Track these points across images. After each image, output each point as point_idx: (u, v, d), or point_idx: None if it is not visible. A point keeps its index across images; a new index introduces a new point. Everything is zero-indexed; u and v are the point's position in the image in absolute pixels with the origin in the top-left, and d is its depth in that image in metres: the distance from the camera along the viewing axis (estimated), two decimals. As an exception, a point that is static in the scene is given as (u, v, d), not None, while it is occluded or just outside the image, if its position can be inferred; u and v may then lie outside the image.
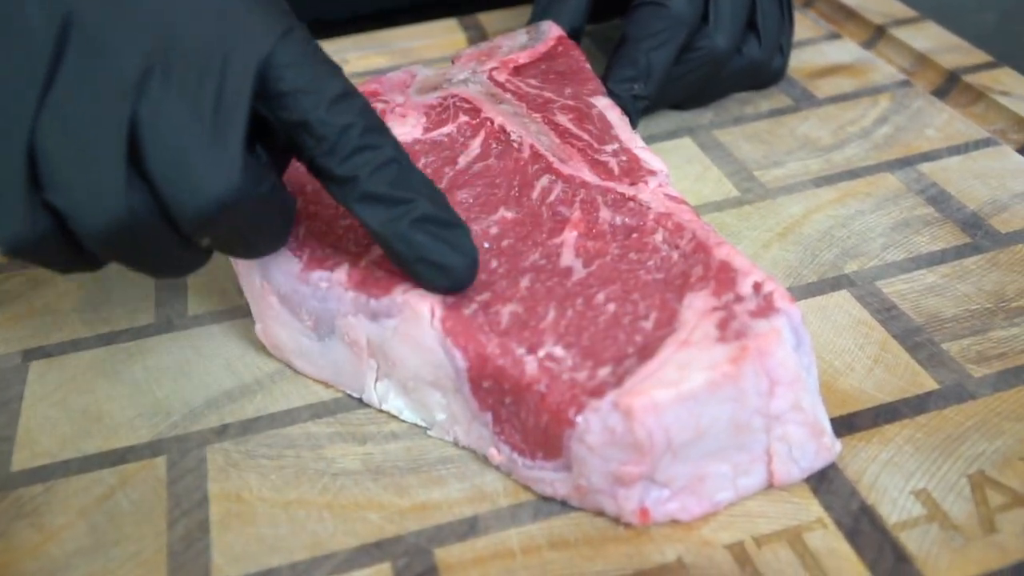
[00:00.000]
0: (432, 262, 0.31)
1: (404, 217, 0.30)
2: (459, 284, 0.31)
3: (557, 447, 0.29)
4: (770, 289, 0.30)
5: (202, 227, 0.29)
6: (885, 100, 0.50)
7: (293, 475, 0.33)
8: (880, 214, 0.42)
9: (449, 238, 0.31)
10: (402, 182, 0.30)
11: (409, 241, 0.30)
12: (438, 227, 0.31)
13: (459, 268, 0.31)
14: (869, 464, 0.31)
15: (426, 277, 0.31)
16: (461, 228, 0.31)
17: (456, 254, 0.31)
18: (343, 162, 0.30)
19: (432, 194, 0.31)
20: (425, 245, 0.30)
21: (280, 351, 0.37)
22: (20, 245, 0.28)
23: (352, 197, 0.30)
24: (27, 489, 0.33)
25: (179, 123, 0.27)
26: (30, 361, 0.38)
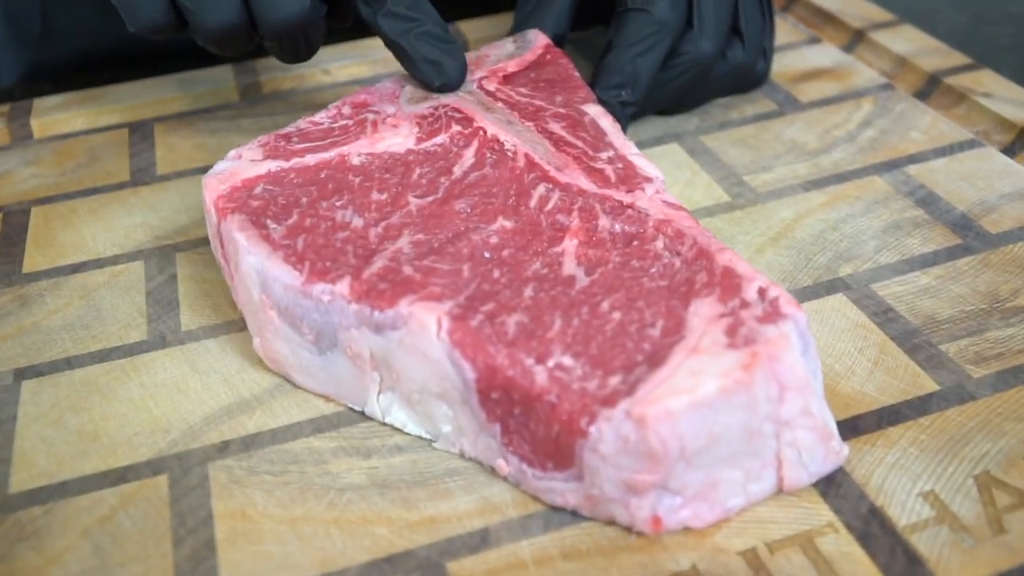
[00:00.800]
0: (432, 61, 0.42)
1: (415, 29, 0.42)
2: (451, 80, 0.42)
3: (568, 457, 0.29)
4: (775, 294, 0.31)
5: (275, 34, 0.41)
6: (868, 103, 0.50)
7: (298, 491, 0.32)
8: (871, 217, 0.42)
9: (446, 48, 0.42)
10: (416, 6, 0.42)
11: (417, 47, 0.42)
12: (438, 41, 0.42)
13: (451, 67, 0.42)
14: (876, 467, 0.31)
15: (427, 73, 0.42)
16: (455, 44, 0.42)
17: (449, 58, 0.42)
18: None
19: (437, 20, 0.42)
20: (428, 50, 0.42)
21: (279, 365, 0.36)
22: (147, 30, 0.41)
23: (380, 13, 0.41)
24: (26, 511, 0.33)
25: None
26: (21, 381, 0.38)
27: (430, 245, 0.35)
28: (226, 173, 0.38)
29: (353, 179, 0.38)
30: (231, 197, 0.37)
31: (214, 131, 0.53)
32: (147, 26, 0.40)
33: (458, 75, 0.42)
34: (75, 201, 0.48)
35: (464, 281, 0.33)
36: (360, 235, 0.35)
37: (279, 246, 0.35)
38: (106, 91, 0.56)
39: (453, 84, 0.42)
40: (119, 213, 0.47)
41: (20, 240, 0.45)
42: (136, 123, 0.54)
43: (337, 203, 0.37)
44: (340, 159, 0.39)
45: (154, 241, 0.45)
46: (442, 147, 0.40)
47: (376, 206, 0.37)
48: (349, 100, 0.43)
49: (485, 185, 0.38)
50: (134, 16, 0.40)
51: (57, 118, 0.54)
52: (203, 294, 0.41)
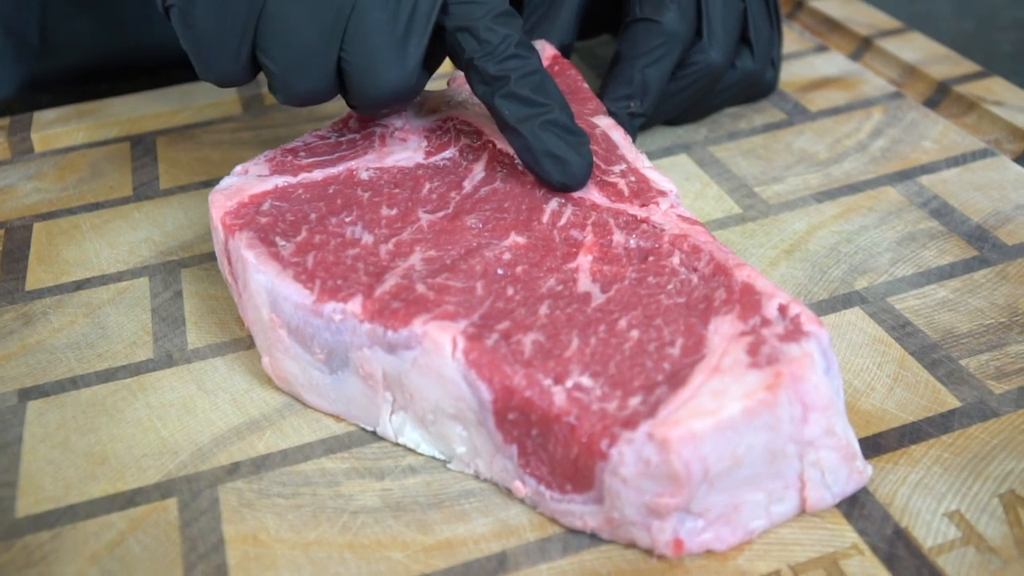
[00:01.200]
0: (556, 156, 0.36)
1: (539, 117, 0.36)
2: (575, 180, 0.37)
3: (588, 479, 0.29)
4: (797, 311, 0.30)
5: (369, 108, 0.38)
6: (878, 112, 0.50)
7: (311, 514, 0.32)
8: (885, 228, 0.42)
9: (572, 142, 0.36)
10: (542, 90, 0.37)
11: (540, 137, 0.36)
12: (564, 131, 0.36)
13: (577, 165, 0.36)
14: (899, 486, 0.31)
15: (548, 170, 0.36)
16: (584, 137, 0.37)
17: (576, 155, 0.36)
18: (498, 63, 0.36)
19: (564, 106, 0.37)
20: (552, 142, 0.36)
21: (289, 385, 0.36)
22: (223, 83, 0.38)
23: (499, 93, 0.36)
24: (34, 536, 0.32)
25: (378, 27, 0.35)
26: (27, 401, 0.37)
27: (442, 262, 0.34)
28: (232, 189, 0.38)
29: (362, 194, 0.38)
30: (238, 214, 0.37)
31: (216, 144, 0.52)
32: (222, 81, 0.38)
33: (584, 175, 0.37)
34: (78, 216, 0.47)
35: (478, 299, 0.32)
36: (371, 252, 0.35)
37: (289, 264, 0.34)
38: (106, 104, 0.56)
39: (576, 185, 0.37)
40: (123, 228, 0.46)
41: (23, 256, 0.45)
42: (137, 136, 0.53)
43: (346, 219, 0.36)
44: (348, 174, 0.39)
45: (159, 257, 0.44)
46: (452, 161, 0.39)
47: (386, 222, 0.36)
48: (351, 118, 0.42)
49: (496, 200, 0.37)
50: (210, 70, 0.37)
51: (58, 132, 0.54)
52: (209, 311, 0.41)
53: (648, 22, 0.45)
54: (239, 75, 0.37)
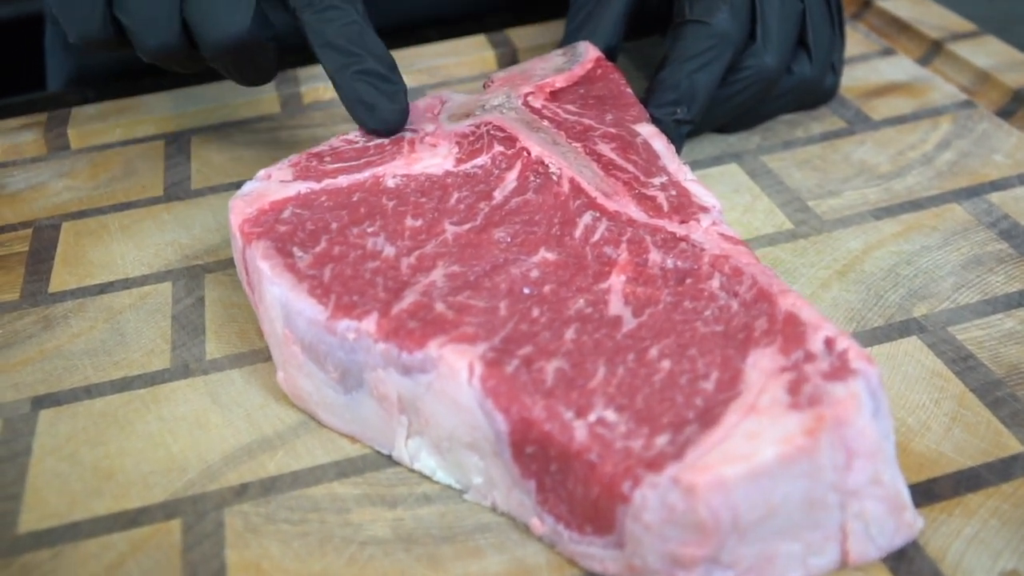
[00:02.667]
0: (366, 103, 0.39)
1: (352, 66, 0.38)
2: (386, 125, 0.39)
3: (609, 522, 0.27)
4: (844, 346, 0.28)
5: (217, 55, 0.39)
6: (946, 122, 0.47)
7: (317, 543, 0.30)
8: (949, 250, 0.39)
9: (385, 89, 0.39)
10: (359, 40, 0.39)
11: (352, 86, 0.39)
12: (377, 79, 0.39)
13: (387, 111, 0.39)
14: (953, 540, 0.28)
15: (361, 116, 0.39)
16: (399, 85, 0.39)
17: (387, 100, 0.39)
18: (316, 13, 0.39)
19: (381, 55, 0.39)
20: (363, 90, 0.39)
21: (303, 402, 0.34)
22: (88, 42, 0.40)
23: (318, 43, 0.39)
24: (34, 555, 0.31)
25: None
26: (39, 410, 0.36)
27: (465, 278, 0.32)
28: (253, 195, 0.36)
29: (387, 203, 0.36)
30: (257, 221, 0.35)
31: (251, 144, 0.51)
32: (84, 39, 0.40)
33: (394, 119, 0.39)
34: (107, 216, 0.46)
35: (500, 320, 0.30)
36: (391, 266, 0.33)
37: (304, 277, 0.32)
38: (144, 100, 0.55)
39: (388, 130, 0.39)
40: (150, 230, 0.45)
41: (48, 257, 0.44)
42: (173, 134, 0.52)
43: (368, 229, 0.35)
44: (374, 181, 0.37)
45: (183, 261, 0.43)
46: (483, 169, 0.37)
47: (410, 233, 0.34)
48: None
49: (527, 212, 0.35)
50: (71, 28, 0.40)
51: (94, 128, 0.53)
52: (230, 319, 0.39)
53: (698, 24, 0.43)
54: (99, 31, 0.40)
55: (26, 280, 0.42)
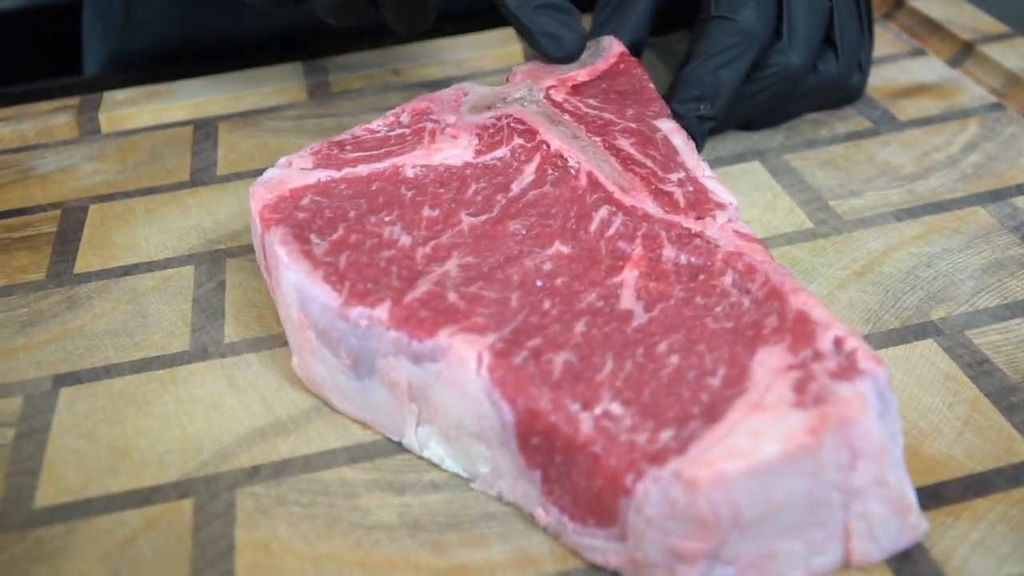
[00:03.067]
0: (550, 34, 0.42)
1: (533, 2, 0.41)
2: (569, 53, 0.42)
3: (611, 514, 0.27)
4: (853, 346, 0.27)
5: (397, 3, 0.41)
6: (974, 124, 0.46)
7: (325, 526, 0.31)
8: (970, 253, 0.39)
9: (564, 20, 0.42)
10: None
11: (535, 20, 0.41)
12: (557, 12, 0.42)
13: (570, 40, 0.42)
14: (959, 544, 0.28)
15: (544, 47, 0.42)
16: (575, 15, 0.42)
17: (568, 31, 0.42)
18: None
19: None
20: (547, 23, 0.41)
21: (317, 387, 0.34)
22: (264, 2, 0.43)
23: None
24: (48, 529, 0.31)
25: None
26: (60, 388, 0.36)
27: (479, 269, 0.32)
28: (274, 182, 0.37)
29: (405, 193, 0.36)
30: (276, 208, 0.35)
31: (277, 131, 0.51)
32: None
33: (577, 48, 0.42)
34: (133, 200, 0.47)
35: (511, 312, 0.31)
36: (406, 255, 0.33)
37: (320, 263, 0.33)
38: (174, 86, 0.55)
39: (572, 56, 0.42)
40: (175, 214, 0.46)
41: (75, 239, 0.44)
42: (201, 120, 0.53)
43: (386, 218, 0.35)
44: (394, 170, 0.37)
45: (206, 245, 0.43)
46: (502, 161, 0.37)
47: (426, 223, 0.35)
48: (409, 107, 0.41)
49: (544, 205, 0.35)
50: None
51: (125, 113, 0.53)
52: (249, 304, 0.40)
53: (723, 19, 0.43)
54: None
55: (52, 260, 0.43)
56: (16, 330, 0.39)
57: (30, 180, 0.49)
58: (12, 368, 0.37)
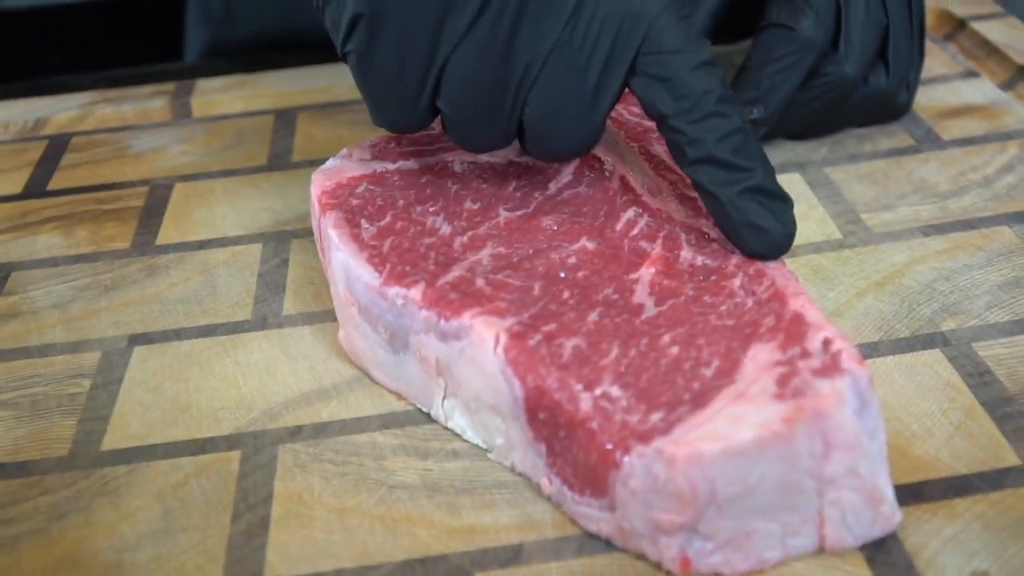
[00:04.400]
0: (756, 227, 0.34)
1: (740, 183, 0.34)
2: (776, 250, 0.34)
3: (603, 486, 0.29)
4: (839, 348, 0.30)
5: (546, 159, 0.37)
6: (1015, 147, 0.47)
7: (353, 483, 0.34)
8: (990, 270, 0.40)
9: (774, 208, 0.34)
10: (744, 151, 0.34)
11: (740, 206, 0.34)
12: (767, 197, 0.34)
13: (778, 236, 0.34)
14: (932, 538, 0.30)
15: (748, 240, 0.34)
16: (787, 202, 0.35)
17: (778, 223, 0.34)
18: (695, 123, 0.33)
19: (767, 167, 0.34)
20: (753, 211, 0.34)
21: (359, 359, 0.38)
22: (396, 130, 0.37)
23: (696, 158, 0.34)
24: (112, 469, 0.35)
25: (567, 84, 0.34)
26: (134, 346, 0.41)
27: (509, 259, 0.35)
28: (334, 170, 0.40)
29: (451, 186, 0.39)
30: (334, 194, 0.39)
31: (351, 124, 0.55)
32: (401, 130, 0.38)
33: (784, 244, 0.34)
34: (214, 181, 0.51)
35: (533, 299, 0.33)
36: (445, 242, 0.36)
37: (366, 246, 0.36)
38: (263, 77, 0.60)
39: (779, 252, 0.34)
40: (251, 196, 0.50)
41: (160, 213, 0.49)
42: (283, 110, 0.57)
43: (431, 209, 0.38)
44: (443, 165, 0.40)
45: (275, 225, 0.47)
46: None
47: (467, 215, 0.38)
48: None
49: (576, 203, 0.38)
50: (388, 122, 0.37)
51: (215, 99, 0.58)
52: (308, 281, 0.43)
53: (782, 28, 0.45)
54: (415, 123, 0.37)
55: (137, 232, 0.47)
56: (100, 292, 0.43)
57: (124, 158, 0.54)
58: (94, 326, 0.42)
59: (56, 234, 0.48)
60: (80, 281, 0.44)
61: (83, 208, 0.50)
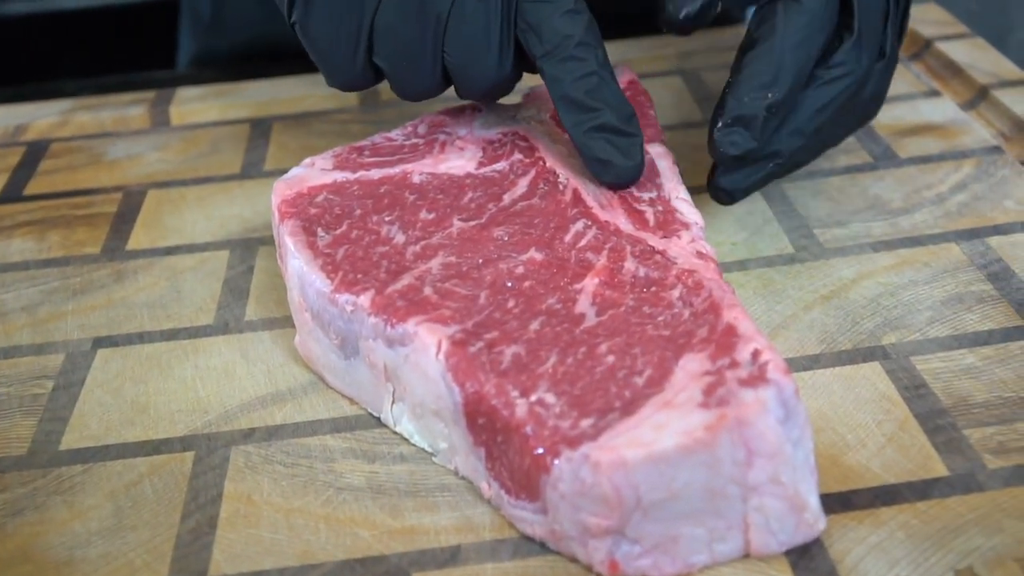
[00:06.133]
0: (603, 160, 0.38)
1: (588, 122, 0.38)
2: (622, 181, 0.39)
3: (536, 490, 0.30)
4: (767, 359, 0.30)
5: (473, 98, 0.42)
6: (969, 166, 0.48)
7: (301, 485, 0.35)
8: (934, 286, 0.41)
9: (621, 144, 0.38)
10: (596, 93, 0.38)
11: (587, 144, 0.38)
12: (614, 134, 0.38)
13: (623, 167, 0.38)
14: (856, 545, 0.31)
15: (598, 172, 0.39)
16: (635, 137, 0.38)
17: (623, 157, 0.38)
18: (556, 64, 0.38)
19: (619, 106, 0.38)
20: (599, 147, 0.38)
21: (313, 364, 0.39)
22: (347, 88, 0.42)
23: (555, 95, 0.39)
24: (68, 468, 0.36)
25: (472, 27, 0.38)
26: (98, 349, 0.41)
27: (458, 268, 0.36)
28: (295, 179, 0.41)
29: (408, 196, 0.40)
30: (294, 203, 0.40)
31: (324, 134, 0.56)
32: (344, 85, 0.42)
33: (631, 175, 0.39)
34: (187, 188, 0.52)
35: (478, 308, 0.34)
36: (398, 251, 0.37)
37: (320, 254, 0.37)
38: (242, 86, 0.61)
39: (625, 184, 0.39)
40: (222, 203, 0.51)
41: (132, 219, 0.50)
42: (259, 119, 0.58)
43: (386, 218, 0.39)
44: (402, 176, 0.41)
45: (244, 232, 0.48)
46: (500, 173, 0.41)
47: (421, 225, 0.39)
48: (428, 119, 0.45)
49: (528, 215, 0.39)
50: (331, 75, 0.42)
51: (194, 108, 0.59)
52: (272, 288, 0.44)
53: (788, 2, 0.40)
54: (359, 80, 0.41)
55: (108, 237, 0.48)
56: (68, 296, 0.44)
57: (100, 164, 0.55)
58: (59, 329, 0.43)
59: (29, 238, 0.49)
60: (49, 285, 0.45)
61: (57, 213, 0.51)
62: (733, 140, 0.39)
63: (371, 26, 0.39)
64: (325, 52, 0.40)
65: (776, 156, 0.41)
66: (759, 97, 0.39)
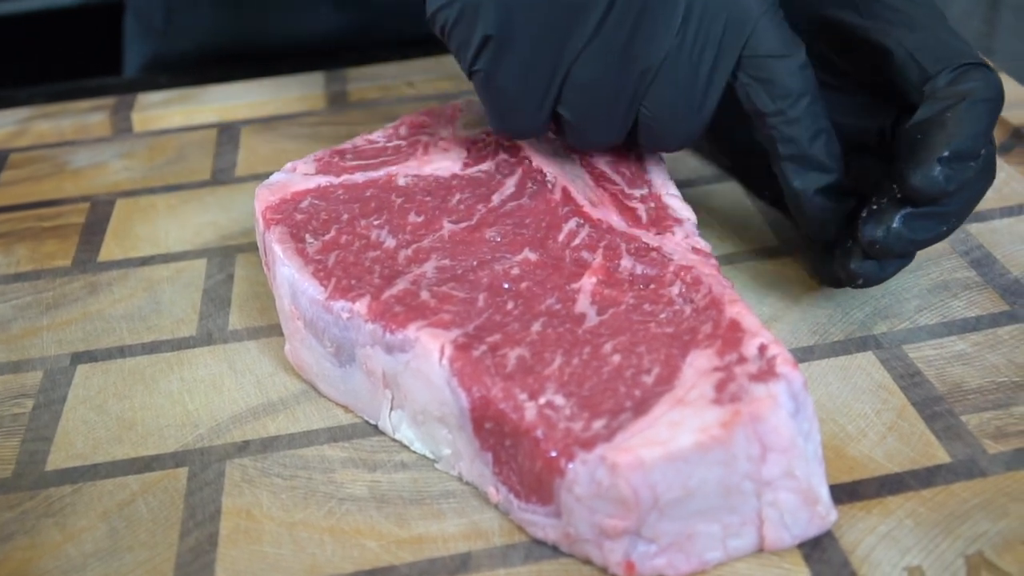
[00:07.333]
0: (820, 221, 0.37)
1: (819, 182, 0.36)
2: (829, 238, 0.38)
3: (549, 493, 0.30)
4: (775, 353, 0.30)
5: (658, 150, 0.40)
6: (943, 154, 0.49)
7: (302, 497, 0.34)
8: (919, 274, 0.41)
9: (839, 208, 0.37)
10: (831, 151, 0.37)
11: (816, 203, 0.37)
12: (835, 197, 0.37)
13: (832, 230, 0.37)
14: (866, 535, 0.31)
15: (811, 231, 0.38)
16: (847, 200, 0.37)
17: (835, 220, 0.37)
18: (791, 123, 0.36)
19: (840, 166, 0.37)
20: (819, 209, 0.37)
21: (305, 373, 0.38)
22: (520, 136, 0.40)
23: (786, 154, 0.36)
24: (57, 489, 0.35)
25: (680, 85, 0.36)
26: (77, 364, 0.40)
27: (453, 271, 0.36)
28: (278, 185, 0.40)
29: (395, 200, 0.40)
30: (278, 209, 0.39)
31: (295, 137, 0.55)
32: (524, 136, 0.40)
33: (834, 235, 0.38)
34: (157, 196, 0.51)
35: (477, 311, 0.34)
36: (390, 256, 0.37)
37: (311, 260, 0.36)
38: (205, 91, 0.59)
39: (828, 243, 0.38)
40: (195, 211, 0.49)
41: (101, 230, 0.49)
42: (226, 124, 0.57)
43: (375, 222, 0.38)
44: (387, 179, 0.41)
45: (220, 240, 0.47)
46: (486, 174, 0.41)
47: (411, 228, 0.38)
48: (408, 120, 0.44)
49: (519, 215, 0.38)
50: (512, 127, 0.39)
51: (156, 114, 0.58)
52: (254, 296, 0.43)
53: None
54: (537, 129, 0.39)
55: (79, 249, 0.47)
56: (41, 311, 0.43)
57: (64, 174, 0.53)
58: (35, 345, 0.41)
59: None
60: (21, 300, 0.44)
61: (23, 226, 0.49)
62: None
63: (565, 78, 0.37)
64: (508, 103, 0.38)
65: None
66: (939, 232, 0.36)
